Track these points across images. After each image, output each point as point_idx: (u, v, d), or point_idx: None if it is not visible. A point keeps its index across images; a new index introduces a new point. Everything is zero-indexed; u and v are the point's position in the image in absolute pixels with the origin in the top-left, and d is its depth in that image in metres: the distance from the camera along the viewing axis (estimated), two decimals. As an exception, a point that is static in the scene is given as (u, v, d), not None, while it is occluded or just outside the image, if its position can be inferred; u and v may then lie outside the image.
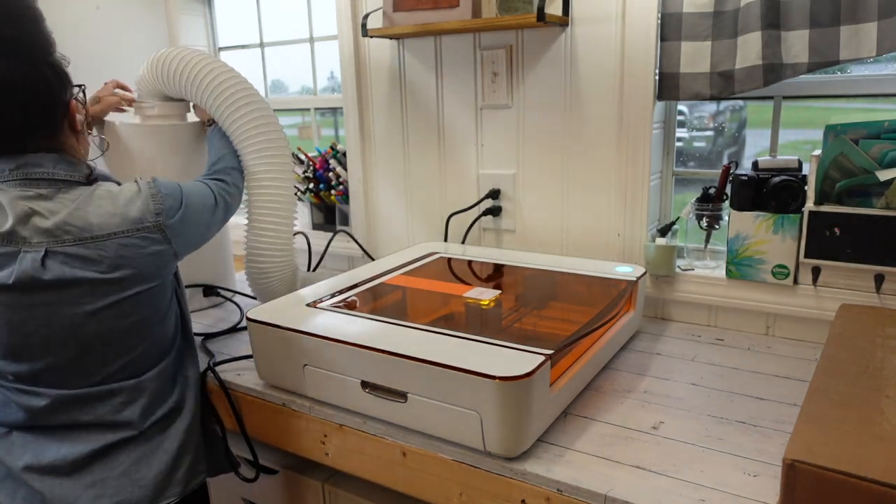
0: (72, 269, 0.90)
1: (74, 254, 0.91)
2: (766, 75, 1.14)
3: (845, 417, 0.72)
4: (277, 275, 1.34)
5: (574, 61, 1.35)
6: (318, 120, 1.98)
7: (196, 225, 1.05)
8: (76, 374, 0.94)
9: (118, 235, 0.93)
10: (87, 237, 0.91)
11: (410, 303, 1.19)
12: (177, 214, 1.00)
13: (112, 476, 0.94)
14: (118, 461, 0.95)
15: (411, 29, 1.39)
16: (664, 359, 1.18)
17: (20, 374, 0.94)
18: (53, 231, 0.90)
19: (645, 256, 1.35)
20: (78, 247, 0.91)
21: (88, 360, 0.94)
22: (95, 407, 0.96)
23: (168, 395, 1.03)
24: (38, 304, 0.90)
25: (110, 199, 0.95)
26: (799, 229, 1.18)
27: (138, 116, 1.42)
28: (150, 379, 1.00)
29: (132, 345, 0.98)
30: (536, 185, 1.46)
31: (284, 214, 1.31)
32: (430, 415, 0.90)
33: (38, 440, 0.94)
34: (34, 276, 0.89)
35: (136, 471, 0.96)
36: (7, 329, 0.91)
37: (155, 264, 0.98)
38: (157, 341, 1.02)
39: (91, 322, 0.93)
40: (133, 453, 0.96)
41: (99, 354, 0.95)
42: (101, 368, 0.96)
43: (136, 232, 0.95)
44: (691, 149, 1.45)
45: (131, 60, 1.74)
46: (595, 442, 0.91)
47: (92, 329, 0.93)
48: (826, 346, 0.93)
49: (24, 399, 0.94)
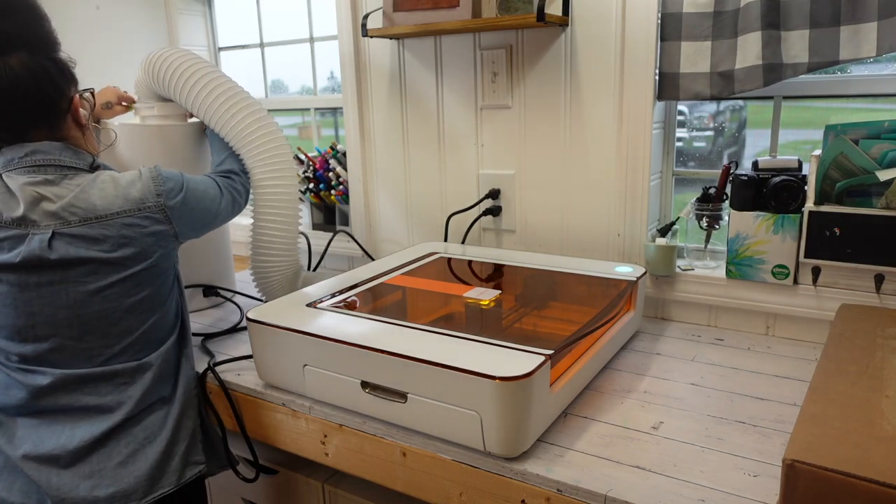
0: (76, 248, 0.94)
1: (79, 234, 0.95)
2: (766, 75, 1.14)
3: (845, 417, 0.72)
4: (280, 273, 1.34)
5: (574, 61, 1.35)
6: (318, 120, 1.98)
7: (198, 210, 1.09)
8: (79, 356, 0.98)
9: (121, 215, 0.97)
10: (92, 217, 0.96)
11: (410, 303, 1.19)
12: (178, 196, 1.04)
13: (109, 466, 0.96)
14: (115, 451, 0.97)
15: (411, 29, 1.39)
16: (664, 359, 1.18)
17: (25, 355, 0.97)
18: (60, 213, 0.94)
19: (645, 256, 1.35)
20: (83, 227, 0.95)
21: (91, 340, 0.98)
22: (98, 386, 0.98)
23: (165, 382, 1.05)
24: (44, 283, 0.94)
25: (113, 182, 0.99)
26: (799, 229, 1.18)
27: (138, 116, 1.42)
28: (151, 362, 1.03)
29: (133, 325, 1.01)
30: (536, 185, 1.46)
31: (288, 212, 1.31)
32: (430, 415, 0.90)
33: (38, 428, 0.96)
34: (41, 255, 0.93)
35: (133, 461, 0.97)
36: (13, 309, 0.95)
37: (157, 244, 1.01)
38: (157, 325, 1.05)
39: (94, 301, 0.97)
40: (130, 443, 0.98)
41: (101, 335, 0.98)
42: (103, 349, 0.99)
43: (137, 212, 0.99)
44: (691, 149, 1.45)
45: (131, 60, 1.74)
46: (595, 442, 0.91)
47: (96, 307, 0.97)
48: (826, 346, 0.93)
49: (27, 378, 0.96)
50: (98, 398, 0.98)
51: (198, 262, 1.48)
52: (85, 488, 0.94)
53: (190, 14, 2.04)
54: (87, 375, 0.97)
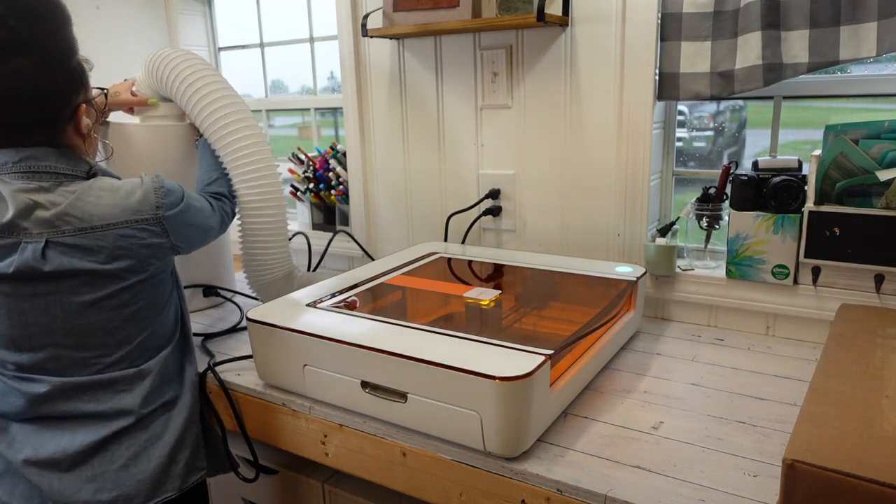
0: (70, 259, 0.92)
1: (74, 244, 0.92)
2: (766, 75, 1.14)
3: (845, 417, 0.72)
4: (271, 274, 1.35)
5: (574, 61, 1.35)
6: (318, 120, 1.98)
7: (194, 226, 1.07)
8: (76, 365, 0.96)
9: (117, 226, 0.95)
10: (87, 227, 0.93)
11: (410, 303, 1.19)
12: (176, 208, 1.02)
13: (111, 470, 0.95)
14: (117, 454, 0.96)
15: (411, 29, 1.39)
16: (664, 359, 1.18)
17: (21, 364, 0.95)
18: (53, 221, 0.92)
19: (645, 256, 1.35)
20: (77, 237, 0.92)
21: (88, 349, 0.96)
22: (96, 394, 0.97)
23: (167, 387, 1.04)
24: (38, 294, 0.92)
25: (111, 191, 0.96)
26: (799, 229, 1.18)
27: (138, 116, 1.42)
28: (150, 369, 1.01)
29: (131, 335, 0.99)
30: (536, 185, 1.46)
31: (274, 214, 1.31)
32: (430, 415, 0.90)
33: (38, 433, 0.95)
34: (34, 266, 0.91)
35: (135, 464, 0.96)
36: (7, 319, 0.93)
37: (153, 256, 0.99)
38: (156, 333, 1.03)
39: (90, 312, 0.95)
40: (132, 446, 0.97)
41: (98, 344, 0.97)
42: (100, 358, 0.97)
43: (134, 223, 0.96)
44: (691, 149, 1.45)
45: (131, 60, 1.74)
46: (595, 442, 0.91)
47: (92, 319, 0.95)
48: (826, 346, 0.93)
49: (24, 386, 0.95)
50: (97, 405, 0.96)
51: (198, 262, 1.48)
52: (87, 492, 0.93)
53: (190, 14, 2.04)
54: (84, 383, 0.96)
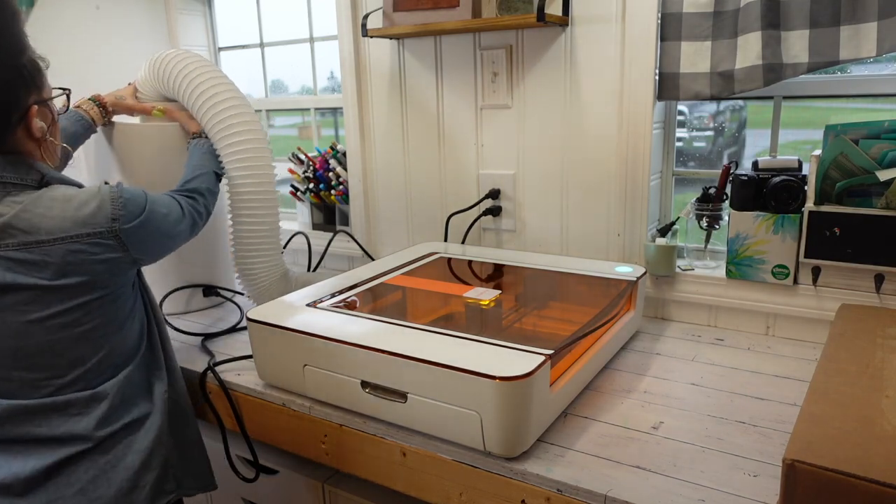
0: (14, 274, 0.86)
1: (17, 258, 0.86)
2: (766, 75, 1.14)
3: (845, 417, 0.72)
4: (266, 276, 1.35)
5: (574, 61, 1.35)
6: (318, 120, 1.98)
7: (156, 235, 1.00)
8: (26, 386, 0.90)
9: (66, 241, 0.88)
10: (32, 241, 0.86)
11: (410, 303, 1.20)
12: (135, 220, 0.94)
13: (68, 494, 0.89)
14: (74, 477, 0.90)
15: (411, 29, 1.39)
16: (664, 359, 1.18)
17: None
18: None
19: (645, 256, 1.35)
20: (22, 251, 0.86)
21: (38, 371, 0.90)
22: (49, 417, 0.91)
23: (130, 407, 0.98)
24: None
25: (63, 201, 0.89)
26: (799, 229, 1.18)
27: (139, 117, 1.42)
28: (107, 390, 0.95)
29: (85, 355, 0.93)
30: (536, 185, 1.46)
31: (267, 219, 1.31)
32: (430, 415, 0.90)
33: None
34: None
35: (94, 489, 0.91)
36: None
37: (109, 272, 0.93)
38: (115, 351, 0.97)
39: (38, 331, 0.88)
40: (90, 469, 0.91)
41: (48, 365, 0.90)
42: (51, 380, 0.91)
43: (85, 237, 0.89)
44: (691, 149, 1.45)
45: (131, 61, 1.74)
46: (595, 442, 0.91)
47: (39, 338, 0.89)
48: (826, 346, 0.93)
49: None
50: (49, 429, 0.90)
51: (198, 262, 1.48)
52: None
53: (190, 14, 2.04)
54: (35, 406, 0.90)
